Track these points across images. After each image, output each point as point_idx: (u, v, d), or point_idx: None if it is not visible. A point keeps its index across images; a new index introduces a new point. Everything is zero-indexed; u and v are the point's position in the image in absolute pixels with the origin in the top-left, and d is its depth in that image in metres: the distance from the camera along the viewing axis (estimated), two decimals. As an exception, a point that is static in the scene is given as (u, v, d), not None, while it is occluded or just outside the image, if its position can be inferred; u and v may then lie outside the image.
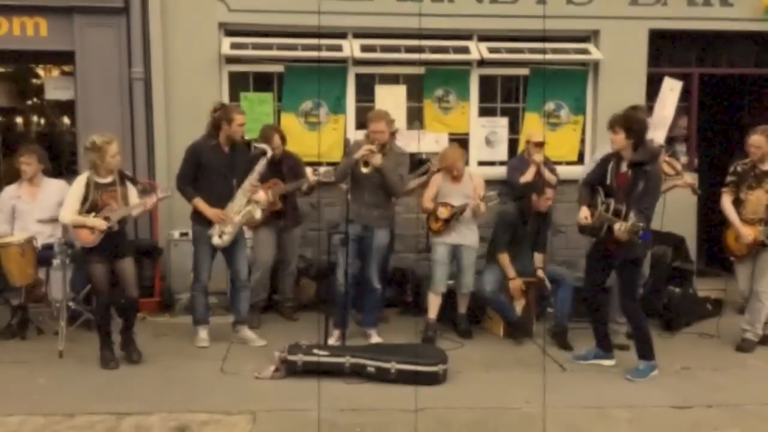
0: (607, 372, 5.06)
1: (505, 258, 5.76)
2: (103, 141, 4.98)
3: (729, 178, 5.65)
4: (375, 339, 5.62)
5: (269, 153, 5.50)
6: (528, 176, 6.20)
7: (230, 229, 5.34)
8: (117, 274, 5.13)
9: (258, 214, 5.54)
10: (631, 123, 4.69)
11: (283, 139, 6.07)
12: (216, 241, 5.32)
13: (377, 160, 5.24)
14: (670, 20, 7.25)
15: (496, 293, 5.71)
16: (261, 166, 5.45)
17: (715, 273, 7.83)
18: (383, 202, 5.51)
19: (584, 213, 4.76)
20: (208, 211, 5.31)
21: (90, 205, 4.96)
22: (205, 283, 5.49)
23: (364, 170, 5.26)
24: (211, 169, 5.27)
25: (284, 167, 6.09)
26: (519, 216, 5.78)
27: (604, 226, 4.69)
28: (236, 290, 5.64)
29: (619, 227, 4.50)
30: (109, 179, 5.04)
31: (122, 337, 5.20)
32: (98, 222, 4.91)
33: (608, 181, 4.81)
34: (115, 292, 5.18)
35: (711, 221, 7.84)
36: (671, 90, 6.82)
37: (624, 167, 4.76)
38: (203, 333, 5.50)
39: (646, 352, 4.92)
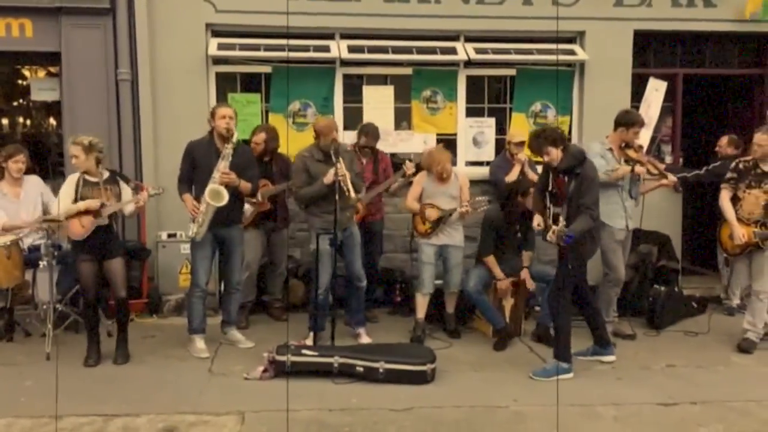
0: (593, 370, 5.10)
1: (491, 260, 5.79)
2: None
3: (729, 175, 5.62)
4: (365, 339, 5.64)
5: (235, 136, 5.25)
6: (512, 175, 6.24)
7: (200, 219, 5.14)
8: (106, 275, 5.15)
9: (223, 194, 5.06)
10: (553, 136, 4.88)
11: (271, 138, 6.06)
12: (190, 233, 5.19)
13: (348, 175, 5.23)
14: (654, 21, 7.32)
15: (480, 291, 5.73)
16: (227, 150, 5.16)
17: (700, 272, 7.92)
18: (351, 201, 5.53)
19: (537, 220, 4.97)
20: (187, 205, 5.22)
21: (80, 201, 5.01)
22: (204, 288, 5.39)
23: (354, 197, 5.23)
24: (203, 167, 5.23)
25: (274, 168, 6.10)
26: (503, 218, 5.80)
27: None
28: (227, 293, 5.63)
29: (551, 233, 4.71)
30: (98, 178, 5.07)
31: (116, 337, 5.23)
32: (92, 202, 4.95)
33: (551, 188, 4.96)
34: (103, 292, 5.22)
35: (696, 220, 7.95)
36: (656, 90, 6.89)
37: (559, 174, 4.92)
38: (200, 343, 5.38)
39: (560, 351, 4.91)
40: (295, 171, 5.49)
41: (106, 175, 5.14)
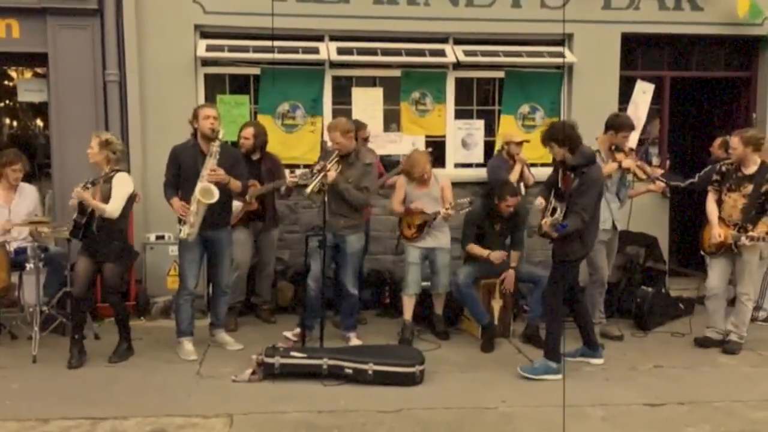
0: (582, 371, 5.12)
1: (473, 247, 5.81)
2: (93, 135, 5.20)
3: (714, 177, 5.67)
4: (355, 342, 5.63)
5: (221, 134, 5.19)
6: (515, 175, 6.27)
7: (191, 219, 5.10)
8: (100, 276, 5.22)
9: (214, 191, 5.05)
10: (557, 133, 4.90)
11: (260, 133, 6.04)
12: (182, 234, 5.15)
13: (330, 176, 5.22)
14: (641, 24, 7.37)
15: (469, 285, 5.73)
16: (214, 147, 5.13)
17: (687, 273, 7.97)
18: (349, 211, 5.50)
19: (539, 200, 5.03)
20: (175, 207, 5.18)
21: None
22: (192, 291, 5.36)
23: (308, 191, 5.25)
24: (189, 171, 5.20)
25: (263, 168, 6.08)
26: (486, 214, 5.81)
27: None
28: (216, 296, 5.61)
29: (544, 222, 4.77)
30: (100, 176, 5.10)
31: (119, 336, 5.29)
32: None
33: (559, 184, 5.01)
34: (90, 294, 5.27)
35: (683, 222, 8.01)
36: (643, 93, 6.93)
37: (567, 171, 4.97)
38: (189, 345, 5.36)
39: (549, 351, 4.96)
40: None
41: (99, 175, 5.11)
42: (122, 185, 5.11)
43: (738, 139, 5.48)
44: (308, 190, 5.26)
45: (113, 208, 5.03)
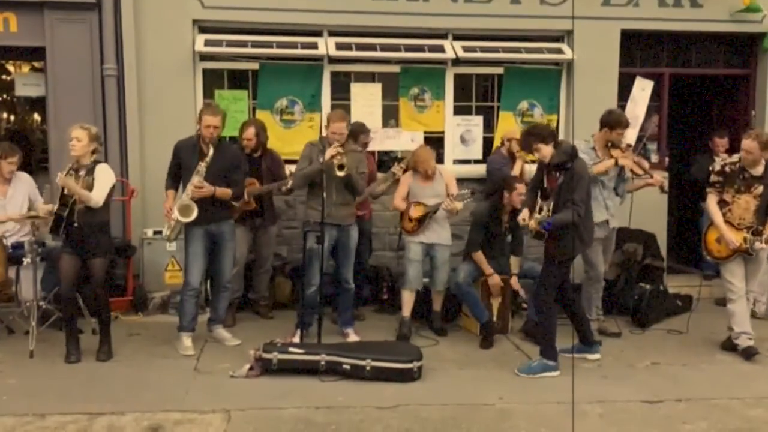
0: (579, 368, 5.10)
1: (480, 256, 5.80)
2: (75, 128, 5.08)
3: (714, 178, 5.45)
4: (353, 338, 5.63)
5: (211, 152, 5.17)
6: (517, 170, 6.27)
7: (172, 224, 5.21)
8: (88, 271, 5.13)
9: (193, 209, 5.11)
10: (542, 133, 4.95)
11: (261, 131, 6.02)
12: (164, 233, 5.20)
13: (345, 160, 5.24)
14: (641, 21, 7.36)
15: (469, 284, 5.74)
16: (201, 167, 5.15)
17: (685, 270, 7.98)
18: (350, 199, 5.56)
19: (524, 215, 4.99)
20: (166, 204, 5.22)
21: (60, 191, 5.01)
22: (196, 287, 5.37)
23: (340, 174, 5.23)
24: (188, 167, 5.21)
25: (263, 166, 6.06)
26: (492, 213, 5.81)
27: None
28: (217, 292, 5.60)
29: (531, 221, 4.83)
30: (83, 169, 5.04)
31: (99, 334, 5.21)
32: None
33: (545, 185, 5.02)
34: (86, 289, 5.25)
35: (681, 219, 8.01)
36: (642, 90, 6.91)
37: (551, 171, 4.98)
38: (188, 341, 5.34)
39: (545, 349, 4.96)
40: (301, 157, 5.56)
41: (82, 166, 5.06)
42: (106, 175, 5.07)
43: (756, 144, 5.22)
44: (327, 159, 5.24)
45: (99, 197, 4.96)
